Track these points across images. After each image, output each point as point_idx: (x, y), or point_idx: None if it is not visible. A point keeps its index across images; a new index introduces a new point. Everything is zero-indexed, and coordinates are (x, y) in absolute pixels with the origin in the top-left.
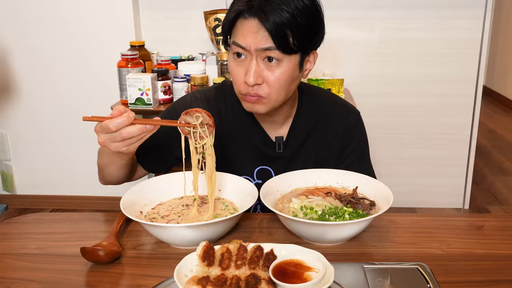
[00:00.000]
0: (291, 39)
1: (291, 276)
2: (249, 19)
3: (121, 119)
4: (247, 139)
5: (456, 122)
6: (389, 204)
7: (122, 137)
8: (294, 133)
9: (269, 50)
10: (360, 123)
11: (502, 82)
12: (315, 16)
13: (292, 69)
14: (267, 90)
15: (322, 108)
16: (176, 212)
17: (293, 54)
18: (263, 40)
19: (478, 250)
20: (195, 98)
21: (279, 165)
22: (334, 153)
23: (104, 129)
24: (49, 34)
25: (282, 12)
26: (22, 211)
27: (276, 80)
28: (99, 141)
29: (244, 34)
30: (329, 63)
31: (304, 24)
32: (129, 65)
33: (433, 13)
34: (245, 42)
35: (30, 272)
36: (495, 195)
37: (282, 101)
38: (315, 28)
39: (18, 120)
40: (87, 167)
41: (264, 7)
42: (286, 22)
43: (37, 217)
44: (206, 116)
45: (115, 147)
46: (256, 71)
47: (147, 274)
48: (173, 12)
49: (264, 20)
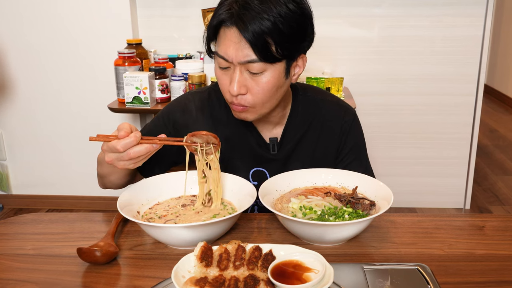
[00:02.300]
0: (273, 47)
1: (290, 277)
2: (230, 28)
3: (128, 140)
4: (242, 141)
5: (457, 121)
6: (389, 204)
7: (129, 156)
8: (288, 133)
9: (251, 62)
10: (356, 122)
11: (503, 81)
12: (301, 21)
13: (277, 77)
14: (251, 100)
15: (317, 108)
16: (173, 212)
17: (278, 63)
18: (244, 52)
19: (480, 251)
20: (188, 100)
21: (274, 166)
22: (331, 154)
23: (111, 149)
24: (45, 32)
25: (262, 21)
26: (18, 211)
27: (260, 90)
28: (106, 160)
29: (226, 45)
30: (328, 61)
31: (288, 31)
32: (126, 63)
33: (434, 11)
34: (227, 55)
35: (25, 273)
36: (496, 195)
37: (269, 108)
38: (301, 34)
39: (13, 119)
40: (83, 167)
41: (243, 16)
42: (267, 31)
43: (33, 217)
44: (212, 138)
45: (123, 165)
46: (240, 81)
47: (145, 275)
48: (171, 10)
49: (243, 30)
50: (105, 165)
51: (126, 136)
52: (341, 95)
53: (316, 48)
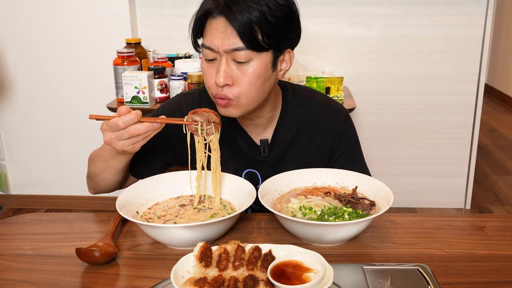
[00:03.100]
0: (260, 36)
1: (289, 277)
2: (217, 18)
3: (129, 116)
4: (233, 143)
5: (458, 120)
6: (389, 204)
7: (130, 134)
8: (279, 135)
9: (238, 50)
10: (348, 122)
11: (504, 80)
12: (288, 14)
13: (263, 67)
14: (236, 91)
15: (308, 109)
16: (172, 212)
17: (264, 52)
18: (231, 40)
19: (480, 251)
20: (180, 102)
21: (265, 168)
22: (323, 155)
23: (111, 127)
24: (43, 32)
25: (250, 10)
26: (17, 211)
27: (246, 80)
28: (105, 139)
29: (212, 34)
30: (328, 60)
31: (276, 22)
32: (125, 63)
33: (434, 10)
34: (213, 44)
35: (24, 273)
36: (497, 194)
37: (255, 102)
38: (288, 26)
39: (12, 119)
40: (82, 166)
41: (231, 5)
42: (254, 20)
43: (32, 217)
44: (213, 115)
45: (122, 145)
46: (226, 71)
47: (144, 275)
48: (170, 9)
49: (231, 18)
50: (98, 161)
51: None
52: (341, 94)
53: (316, 47)
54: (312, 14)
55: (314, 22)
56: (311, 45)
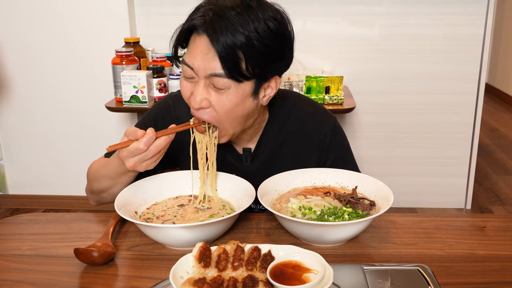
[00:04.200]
0: (243, 64)
1: (289, 278)
2: (201, 36)
3: (148, 137)
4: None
5: (458, 120)
6: (389, 204)
7: (152, 153)
8: (263, 144)
9: (217, 76)
10: (336, 131)
11: (505, 80)
12: (279, 42)
13: (240, 97)
14: (213, 117)
15: (294, 119)
16: (171, 212)
17: (245, 81)
18: (212, 64)
19: (481, 251)
20: (168, 105)
21: (248, 178)
22: (310, 166)
23: (133, 152)
24: (42, 31)
25: (236, 33)
26: (14, 211)
27: (221, 107)
28: (128, 166)
29: (194, 53)
30: (328, 60)
31: (263, 49)
32: (124, 62)
33: (435, 9)
34: (193, 64)
35: (22, 274)
36: (497, 194)
37: (238, 126)
38: (277, 54)
39: (10, 118)
40: (80, 166)
41: (216, 25)
42: (239, 45)
43: (30, 218)
44: None
45: (146, 165)
46: (202, 94)
47: (142, 275)
48: (169, 8)
49: (213, 39)
50: (104, 179)
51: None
52: (341, 94)
53: (316, 46)
54: (312, 13)
55: (314, 21)
56: (311, 44)
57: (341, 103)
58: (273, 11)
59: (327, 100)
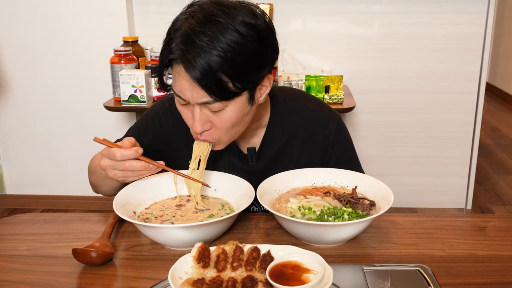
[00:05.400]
0: (230, 84)
1: (288, 278)
2: (181, 65)
3: (128, 152)
4: (219, 153)
5: (459, 120)
6: (389, 204)
7: (124, 167)
8: (267, 143)
9: (209, 104)
10: (340, 129)
11: (505, 79)
12: (258, 45)
13: (240, 109)
14: (217, 134)
15: (298, 118)
16: (170, 213)
17: (239, 96)
18: (200, 93)
19: (481, 252)
20: (165, 108)
21: (254, 177)
22: (315, 164)
23: (110, 155)
24: (40, 30)
25: (210, 56)
26: (12, 211)
27: (224, 125)
28: (101, 164)
29: (181, 84)
30: (328, 59)
31: (244, 61)
32: (122, 61)
33: (435, 8)
34: (183, 95)
35: (20, 274)
36: (498, 194)
37: (237, 134)
38: (260, 60)
39: (8, 118)
40: (79, 166)
41: (187, 53)
42: (217, 67)
43: (28, 218)
44: None
45: (114, 174)
46: (201, 119)
47: (141, 276)
48: (167, 7)
49: (190, 69)
50: (96, 175)
51: (129, 148)
52: (341, 93)
53: (316, 46)
54: (312, 12)
55: (314, 20)
56: (311, 43)
57: (341, 103)
58: (243, 13)
59: (327, 99)
